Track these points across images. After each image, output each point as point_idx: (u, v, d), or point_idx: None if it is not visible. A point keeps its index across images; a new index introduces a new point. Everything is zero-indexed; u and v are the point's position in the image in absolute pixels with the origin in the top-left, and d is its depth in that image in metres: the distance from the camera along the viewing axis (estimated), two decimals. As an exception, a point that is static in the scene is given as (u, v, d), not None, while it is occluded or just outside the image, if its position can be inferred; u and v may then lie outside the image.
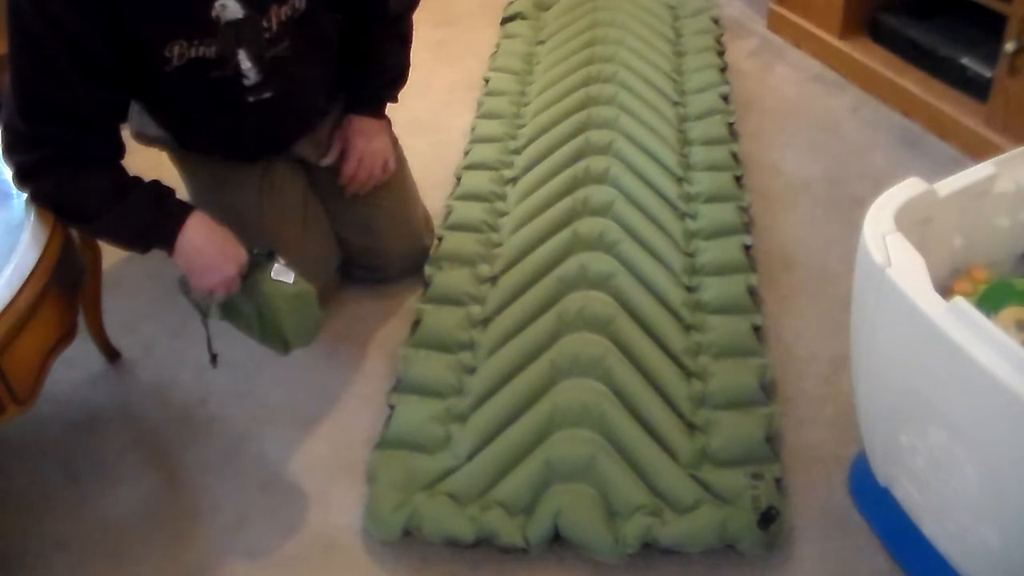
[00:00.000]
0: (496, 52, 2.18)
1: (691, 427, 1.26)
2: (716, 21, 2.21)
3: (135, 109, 1.34)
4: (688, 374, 1.34)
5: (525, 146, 1.80)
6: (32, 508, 1.28)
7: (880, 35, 2.02)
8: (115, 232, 1.24)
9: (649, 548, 1.13)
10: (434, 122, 2.04)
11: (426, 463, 1.24)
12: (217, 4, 1.17)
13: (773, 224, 1.67)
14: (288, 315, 1.23)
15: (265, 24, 1.23)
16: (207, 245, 1.20)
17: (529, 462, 1.20)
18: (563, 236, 1.51)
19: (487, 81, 2.06)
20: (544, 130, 1.80)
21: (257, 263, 1.23)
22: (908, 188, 0.98)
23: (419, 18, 1.50)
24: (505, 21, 2.32)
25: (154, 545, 1.22)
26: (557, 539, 1.15)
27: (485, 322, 1.44)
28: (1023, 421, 0.78)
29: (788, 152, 1.86)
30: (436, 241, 1.60)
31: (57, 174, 1.15)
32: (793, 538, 1.16)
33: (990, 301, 1.02)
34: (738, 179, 1.69)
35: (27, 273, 1.10)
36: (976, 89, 1.78)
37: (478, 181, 1.72)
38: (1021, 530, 0.86)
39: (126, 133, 1.30)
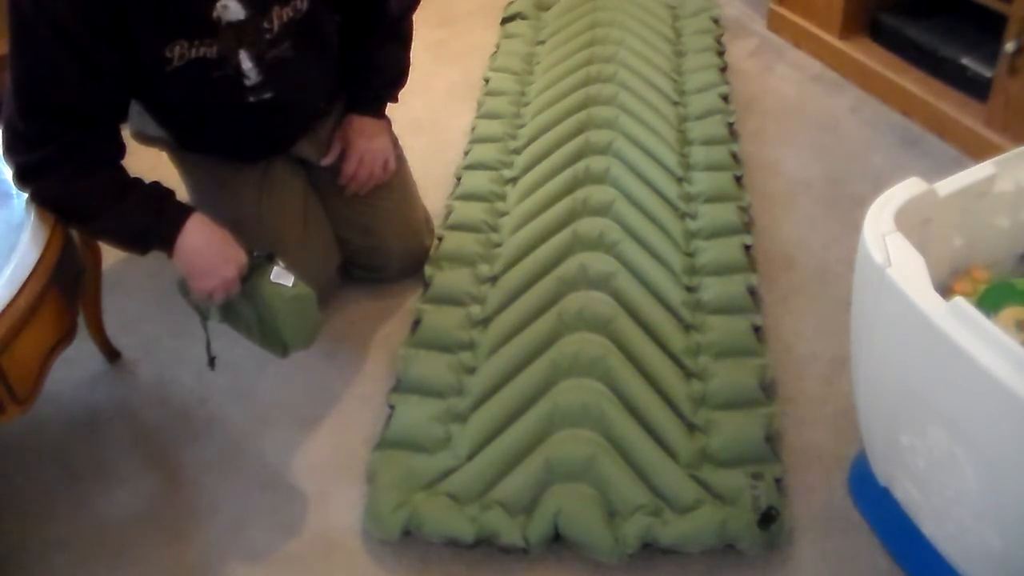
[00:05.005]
0: (496, 52, 2.18)
1: (691, 427, 1.26)
2: (716, 21, 2.21)
3: (135, 109, 1.34)
4: (688, 374, 1.34)
5: (525, 146, 1.80)
6: (32, 508, 1.28)
7: (880, 35, 2.02)
8: (115, 233, 1.24)
9: (649, 548, 1.13)
10: (434, 122, 2.04)
11: (426, 463, 1.24)
12: (219, 5, 1.17)
13: (773, 224, 1.67)
14: (287, 318, 1.22)
15: (266, 25, 1.23)
16: (206, 247, 1.20)
17: (529, 462, 1.20)
18: (563, 236, 1.51)
19: (487, 81, 2.06)
20: (544, 130, 1.80)
21: (256, 265, 1.23)
22: (908, 188, 0.98)
23: (419, 18, 1.50)
24: (505, 21, 2.32)
25: (154, 545, 1.22)
26: (557, 539, 1.15)
27: (485, 322, 1.44)
28: (1023, 421, 0.78)
29: (788, 152, 1.86)
30: (436, 241, 1.60)
31: (57, 174, 1.15)
32: (793, 538, 1.16)
33: (990, 301, 1.02)
34: (738, 179, 1.69)
35: (27, 273, 1.10)
36: (976, 89, 1.78)
37: (478, 181, 1.72)
38: (1021, 530, 0.86)
39: (126, 133, 1.30)
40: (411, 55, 1.51)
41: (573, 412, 1.24)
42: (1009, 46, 1.60)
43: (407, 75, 1.52)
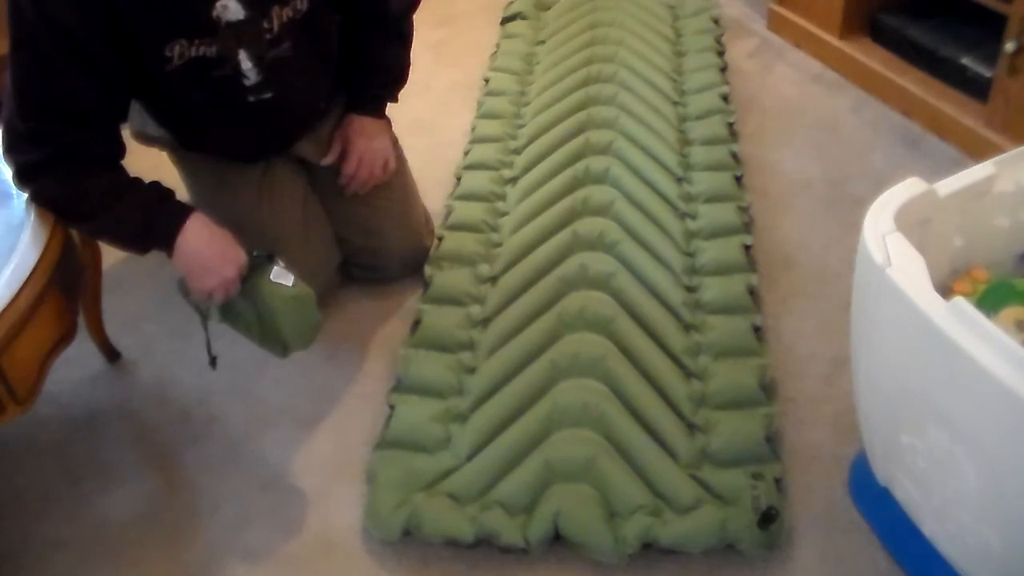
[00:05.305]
0: (496, 52, 2.18)
1: (691, 427, 1.26)
2: (716, 21, 2.21)
3: (135, 109, 1.34)
4: (688, 374, 1.34)
5: (525, 146, 1.80)
6: (32, 508, 1.28)
7: (880, 35, 2.02)
8: (114, 233, 1.24)
9: (649, 548, 1.13)
10: (434, 122, 2.04)
11: (426, 463, 1.24)
12: (218, 4, 1.17)
13: (773, 224, 1.67)
14: (287, 317, 1.22)
15: (266, 25, 1.23)
16: (206, 247, 1.20)
17: (529, 462, 1.20)
18: (563, 236, 1.51)
19: (487, 81, 2.06)
20: (544, 130, 1.80)
21: (256, 265, 1.23)
22: (908, 188, 0.98)
23: (419, 18, 1.50)
24: (505, 21, 2.32)
25: (154, 545, 1.22)
26: (557, 539, 1.15)
27: (485, 322, 1.44)
28: (1023, 421, 0.78)
29: (788, 152, 1.86)
30: (436, 241, 1.60)
31: (57, 174, 1.15)
32: (793, 538, 1.16)
33: (990, 301, 1.03)
34: (738, 179, 1.69)
35: (27, 273, 1.10)
36: (976, 89, 1.78)
37: (478, 181, 1.72)
38: (1021, 530, 0.86)
39: (126, 133, 1.30)
40: (411, 55, 1.51)
41: (573, 412, 1.23)
42: (1009, 46, 1.60)
43: (407, 75, 1.52)
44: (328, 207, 1.52)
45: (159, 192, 1.23)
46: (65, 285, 1.22)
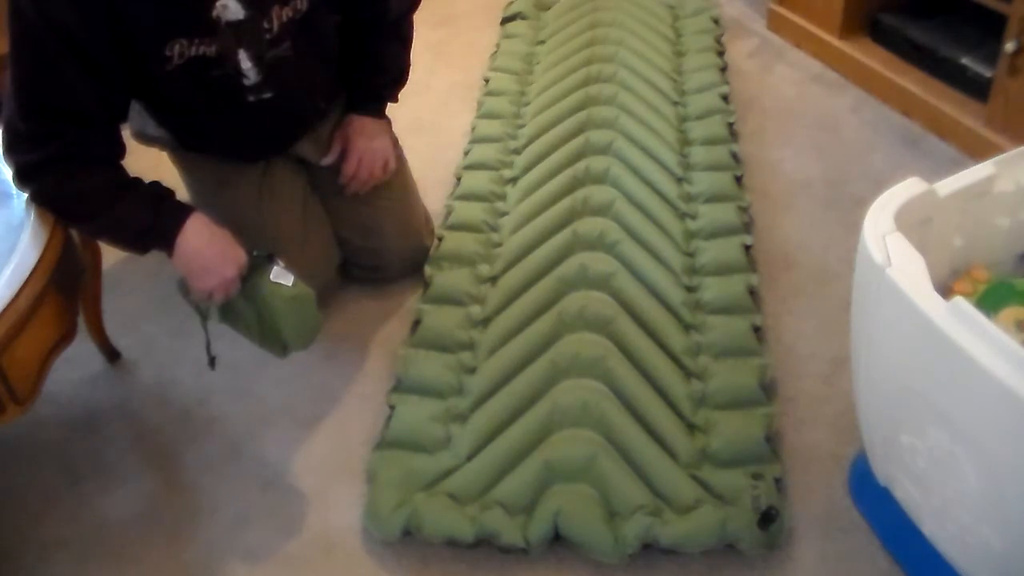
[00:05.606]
0: (496, 52, 2.18)
1: (691, 427, 1.26)
2: (716, 21, 2.21)
3: (135, 109, 1.34)
4: (688, 374, 1.34)
5: (525, 146, 1.80)
6: (32, 508, 1.28)
7: (880, 35, 2.02)
8: (114, 233, 1.24)
9: (649, 548, 1.13)
10: (434, 122, 2.04)
11: (426, 463, 1.24)
12: (218, 4, 1.17)
13: (773, 224, 1.67)
14: (286, 317, 1.22)
15: (266, 25, 1.23)
16: (206, 247, 1.20)
17: (529, 462, 1.20)
18: (563, 236, 1.51)
19: (487, 81, 2.06)
20: (544, 130, 1.80)
21: (256, 265, 1.23)
22: (908, 188, 0.98)
23: (419, 18, 1.50)
24: (505, 21, 2.32)
25: (154, 545, 1.22)
26: (557, 539, 1.15)
27: (485, 322, 1.44)
28: (1023, 421, 0.78)
29: (788, 152, 1.86)
30: (436, 241, 1.60)
31: (57, 174, 1.15)
32: (793, 538, 1.16)
33: (990, 301, 1.03)
34: (738, 179, 1.69)
35: (27, 273, 1.10)
36: (976, 89, 1.78)
37: (478, 181, 1.72)
38: (1021, 530, 0.86)
39: (126, 133, 1.30)
40: (411, 55, 1.51)
41: (573, 412, 1.24)
42: (1009, 46, 1.60)
43: (407, 75, 1.52)
44: (328, 207, 1.52)
45: (159, 192, 1.23)
46: (65, 285, 1.22)
